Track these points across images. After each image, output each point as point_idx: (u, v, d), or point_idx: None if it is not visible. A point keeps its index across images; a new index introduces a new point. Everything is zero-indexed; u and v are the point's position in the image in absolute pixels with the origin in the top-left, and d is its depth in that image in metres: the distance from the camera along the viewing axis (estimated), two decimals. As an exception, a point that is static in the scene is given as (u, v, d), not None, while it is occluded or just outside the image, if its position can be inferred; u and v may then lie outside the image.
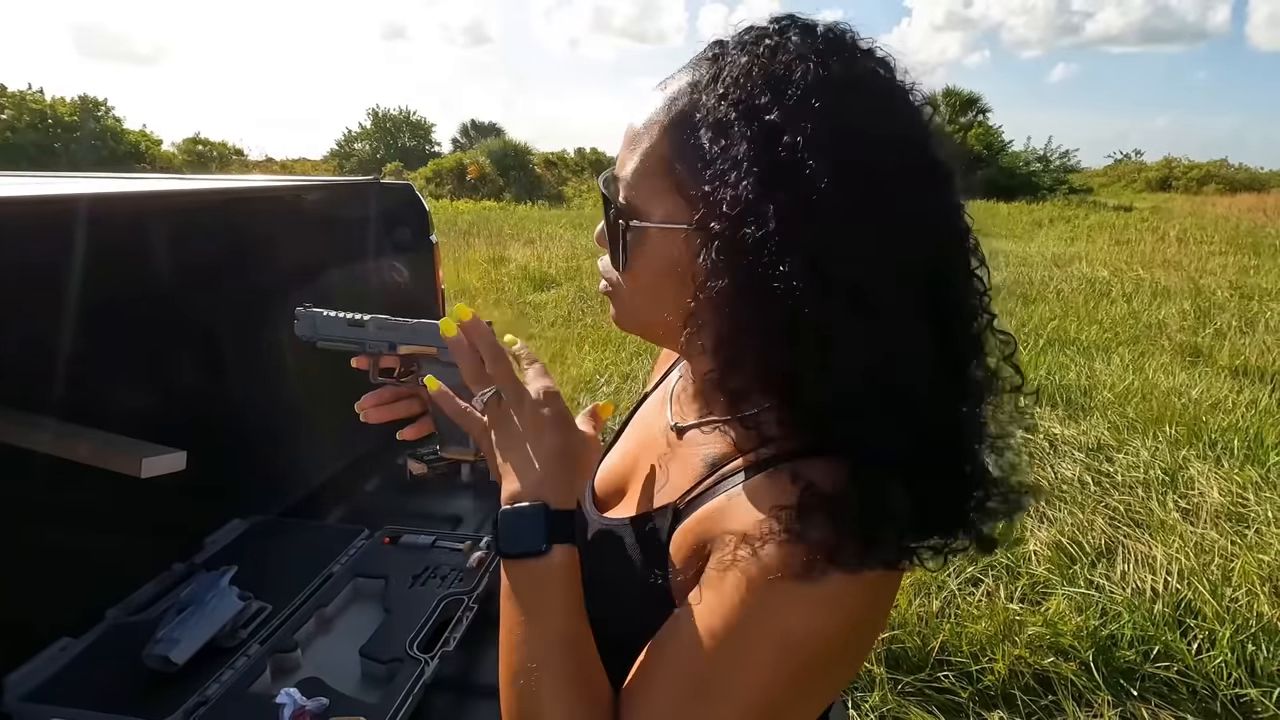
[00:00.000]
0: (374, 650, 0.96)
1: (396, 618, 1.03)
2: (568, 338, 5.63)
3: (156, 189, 1.45)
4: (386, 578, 1.13)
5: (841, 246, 0.44)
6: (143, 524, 1.07)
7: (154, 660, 0.92)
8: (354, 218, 1.73)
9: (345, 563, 1.18)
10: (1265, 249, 9.54)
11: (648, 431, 0.67)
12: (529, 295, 7.35)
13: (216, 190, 1.54)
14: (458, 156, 23.72)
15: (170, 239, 1.28)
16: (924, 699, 2.05)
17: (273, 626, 1.02)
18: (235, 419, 1.34)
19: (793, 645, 0.45)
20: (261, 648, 0.98)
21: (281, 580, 1.11)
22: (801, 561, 0.44)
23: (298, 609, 1.06)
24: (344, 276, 1.69)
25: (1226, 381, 4.47)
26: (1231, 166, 24.73)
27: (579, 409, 0.66)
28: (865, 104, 0.46)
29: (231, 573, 1.06)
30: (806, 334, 0.44)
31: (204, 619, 0.97)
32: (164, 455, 1.04)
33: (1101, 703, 1.98)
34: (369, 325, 0.73)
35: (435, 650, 0.96)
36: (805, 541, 0.44)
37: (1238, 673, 2.06)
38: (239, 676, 0.93)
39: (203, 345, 1.35)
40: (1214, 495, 2.99)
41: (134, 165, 21.83)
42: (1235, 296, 6.84)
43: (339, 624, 1.08)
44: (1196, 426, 3.74)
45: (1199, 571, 2.45)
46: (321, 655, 1.01)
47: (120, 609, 1.05)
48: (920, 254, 0.46)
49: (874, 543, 0.44)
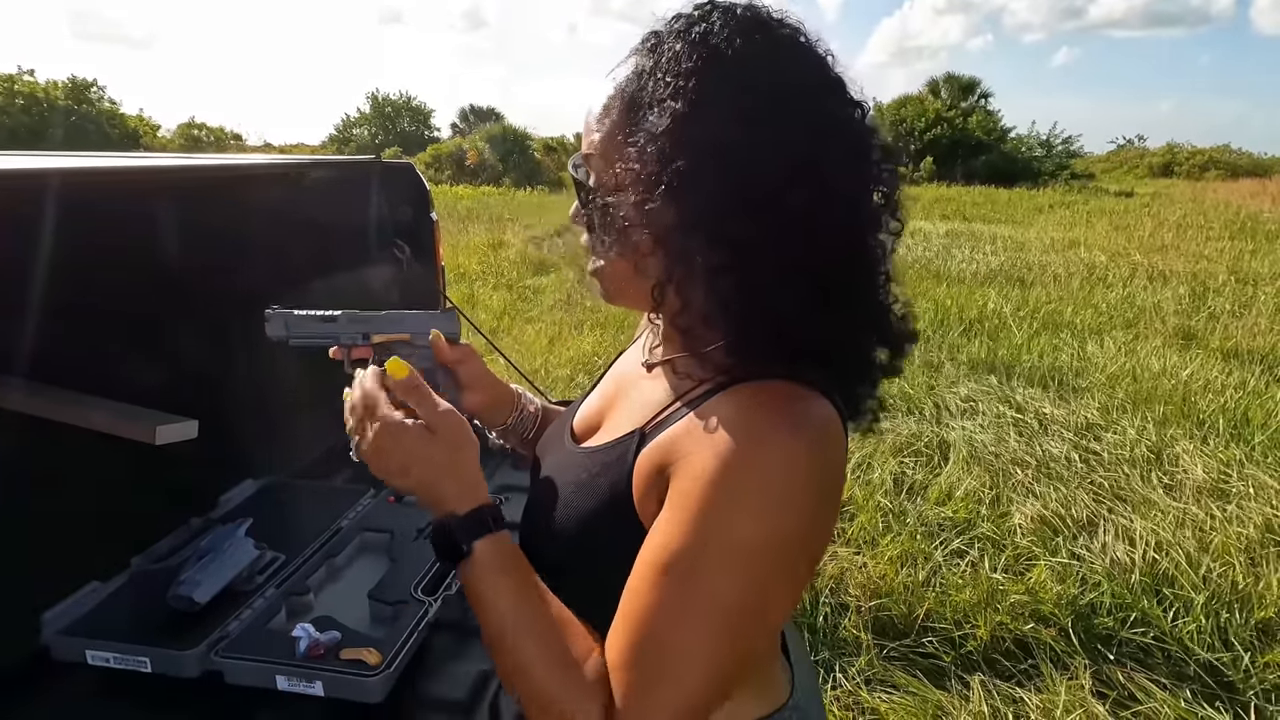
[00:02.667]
0: (381, 593, 1.03)
1: (401, 567, 1.10)
2: (566, 321, 5.69)
3: (164, 165, 1.51)
4: (392, 532, 1.20)
5: (755, 198, 0.52)
6: (162, 485, 1.14)
7: (178, 600, 0.99)
8: (356, 196, 1.78)
9: (353, 519, 1.25)
10: (1263, 234, 9.56)
11: (624, 375, 0.73)
12: (528, 279, 7.40)
13: (221, 167, 1.60)
14: (457, 142, 23.67)
15: (178, 214, 1.34)
16: (908, 663, 2.14)
17: (287, 573, 1.09)
18: (246, 389, 1.41)
19: (755, 550, 0.51)
20: (277, 590, 1.05)
21: (293, 534, 1.18)
22: (756, 455, 0.51)
23: (309, 558, 1.13)
24: (346, 253, 1.75)
25: (1217, 364, 4.53)
26: (1234, 152, 24.62)
27: (577, 388, 0.74)
28: (775, 66, 0.53)
29: (247, 524, 1.13)
30: (726, 277, 0.53)
31: (223, 564, 1.04)
32: (177, 424, 1.10)
33: (1078, 666, 2.06)
34: (341, 319, 0.79)
35: (438, 594, 1.03)
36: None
37: (1211, 639, 2.14)
38: (256, 615, 1.00)
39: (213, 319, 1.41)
40: (1198, 472, 3.06)
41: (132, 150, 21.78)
42: (1231, 281, 6.88)
43: (348, 572, 1.15)
44: (1185, 407, 3.81)
45: (1177, 543, 2.52)
46: (332, 599, 1.08)
47: (144, 558, 1.12)
48: (819, 204, 0.52)
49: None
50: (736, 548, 0.50)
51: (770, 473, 0.50)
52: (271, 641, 0.94)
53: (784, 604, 0.55)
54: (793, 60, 0.54)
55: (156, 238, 1.31)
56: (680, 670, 0.50)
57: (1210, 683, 2.01)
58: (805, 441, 0.51)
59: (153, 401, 1.14)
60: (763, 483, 0.50)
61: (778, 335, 0.55)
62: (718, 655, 0.51)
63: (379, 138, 30.12)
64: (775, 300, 0.53)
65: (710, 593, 0.50)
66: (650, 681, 0.51)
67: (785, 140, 0.51)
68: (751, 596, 0.51)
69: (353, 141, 30.02)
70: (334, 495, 1.34)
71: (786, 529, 0.51)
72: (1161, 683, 1.99)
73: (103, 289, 1.13)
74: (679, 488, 0.53)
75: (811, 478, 0.51)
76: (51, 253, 1.07)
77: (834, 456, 0.53)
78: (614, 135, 0.57)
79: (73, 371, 1.10)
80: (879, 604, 2.31)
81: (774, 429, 0.51)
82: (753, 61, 0.52)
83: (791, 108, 0.52)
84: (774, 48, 0.54)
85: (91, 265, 1.11)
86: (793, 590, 0.55)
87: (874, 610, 2.29)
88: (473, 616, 0.57)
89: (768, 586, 0.52)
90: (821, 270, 0.54)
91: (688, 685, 0.50)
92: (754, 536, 0.50)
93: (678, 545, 0.51)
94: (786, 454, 0.51)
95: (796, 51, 0.55)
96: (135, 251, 1.23)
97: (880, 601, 2.31)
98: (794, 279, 0.53)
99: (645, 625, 0.52)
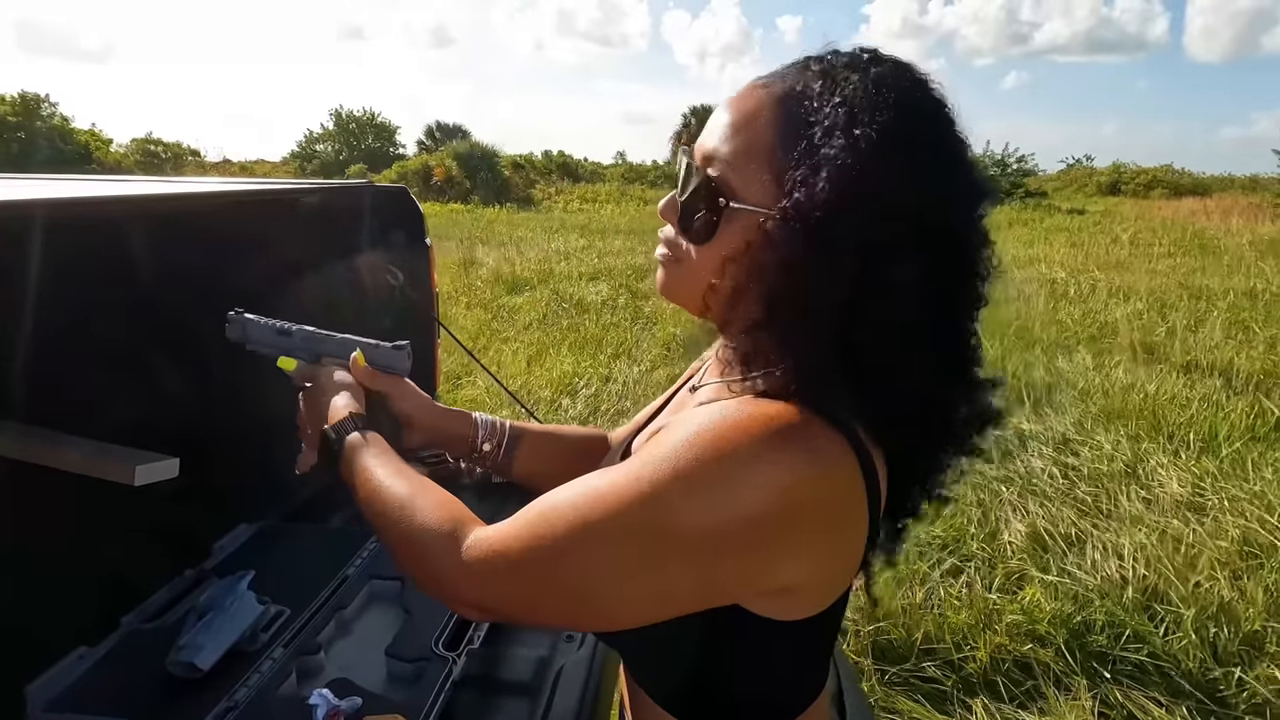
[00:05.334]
0: (399, 650, 0.97)
1: (417, 618, 1.04)
2: (546, 341, 5.63)
3: (148, 192, 1.43)
4: (402, 579, 1.14)
5: (900, 249, 0.51)
6: (149, 532, 1.06)
7: (179, 667, 0.91)
8: (348, 221, 1.72)
9: (359, 565, 1.18)
10: (1210, 251, 9.99)
11: (678, 404, 0.74)
12: (503, 298, 7.31)
13: (209, 194, 1.52)
14: (423, 159, 23.44)
15: (164, 243, 1.27)
16: (910, 688, 2.12)
17: (294, 630, 1.02)
18: (234, 424, 1.33)
19: (668, 518, 0.50)
20: (285, 651, 0.98)
21: (296, 584, 1.11)
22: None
23: (316, 612, 1.06)
24: (338, 281, 1.68)
25: (1180, 377, 4.68)
26: (1176, 171, 25.76)
27: (559, 409, 0.75)
28: (940, 133, 0.55)
29: (249, 576, 1.06)
30: (845, 315, 0.52)
31: (226, 624, 0.97)
32: (157, 462, 1.03)
33: (1079, 687, 2.07)
34: (295, 335, 0.83)
35: (461, 648, 0.98)
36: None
37: (1202, 653, 2.17)
38: (266, 680, 0.93)
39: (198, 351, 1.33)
40: (1174, 486, 3.13)
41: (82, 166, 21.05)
42: (1184, 296, 7.15)
43: (359, 626, 1.08)
44: (1155, 420, 3.91)
45: (1165, 559, 2.57)
46: (345, 657, 1.01)
47: (135, 616, 1.04)
48: (957, 275, 0.55)
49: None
50: (646, 502, 0.50)
51: (731, 466, 0.50)
52: (285, 711, 0.87)
53: (651, 585, 0.53)
54: (949, 123, 0.56)
55: (134, 267, 1.23)
56: (527, 556, 0.53)
57: (1204, 698, 2.04)
58: (789, 459, 0.50)
59: (133, 440, 1.06)
60: (718, 469, 0.50)
61: (854, 381, 0.54)
62: (560, 566, 0.53)
63: (343, 154, 29.67)
64: (873, 349, 0.53)
65: (601, 519, 0.52)
66: (505, 543, 0.55)
67: (936, 198, 0.52)
68: (624, 550, 0.51)
69: (316, 158, 29.53)
70: (335, 539, 1.27)
71: (698, 522, 0.50)
72: (1158, 700, 2.01)
73: (78, 322, 1.05)
74: (651, 442, 0.55)
75: (774, 499, 0.49)
76: (20, 283, 0.99)
77: (815, 495, 0.51)
78: (763, 145, 0.56)
79: (44, 408, 1.02)
80: (877, 627, 2.29)
81: (764, 433, 0.51)
82: (923, 115, 0.54)
83: (953, 171, 0.54)
84: (938, 107, 0.55)
85: (65, 297, 1.03)
86: (668, 581, 0.53)
87: (873, 634, 2.27)
88: (498, 671, 0.63)
89: (650, 556, 0.51)
90: (920, 326, 0.54)
91: (521, 570, 0.54)
92: (669, 506, 0.50)
93: (614, 472, 0.54)
94: (757, 456, 0.50)
95: (948, 115, 0.56)
96: (112, 282, 1.15)
97: (879, 625, 2.30)
98: (893, 332, 0.53)
99: (541, 508, 0.55)
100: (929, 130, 0.55)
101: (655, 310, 6.66)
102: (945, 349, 0.56)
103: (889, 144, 0.51)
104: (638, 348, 5.48)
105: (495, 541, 0.56)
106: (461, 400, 4.24)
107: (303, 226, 1.60)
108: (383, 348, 0.83)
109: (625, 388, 4.59)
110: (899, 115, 0.52)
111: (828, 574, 0.57)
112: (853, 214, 0.51)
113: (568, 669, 1.01)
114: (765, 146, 0.56)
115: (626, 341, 5.64)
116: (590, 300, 7.08)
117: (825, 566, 0.56)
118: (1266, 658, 2.17)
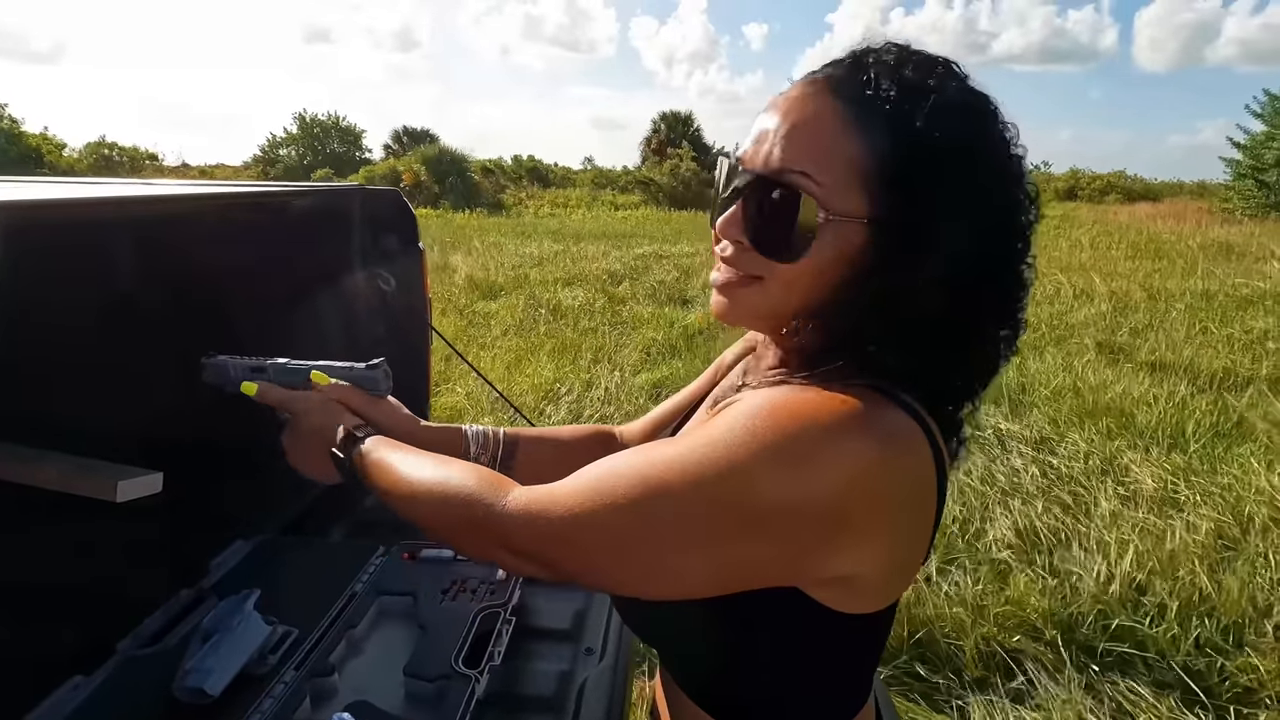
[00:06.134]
0: (419, 668, 0.93)
1: (433, 634, 1.00)
2: (524, 347, 5.57)
3: (131, 194, 1.36)
4: (414, 594, 1.10)
5: (985, 256, 0.54)
6: (141, 551, 1.00)
7: (186, 692, 0.86)
8: (339, 225, 1.67)
9: (367, 581, 1.14)
10: (1166, 254, 10.34)
11: (717, 403, 0.72)
12: (477, 304, 7.23)
13: (194, 196, 1.46)
14: (391, 163, 23.13)
15: (146, 248, 1.20)
16: (905, 686, 2.13)
17: (303, 651, 0.97)
18: (225, 437, 1.27)
19: (733, 490, 0.49)
20: (297, 673, 0.93)
21: (302, 602, 1.06)
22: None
23: (326, 631, 1.02)
24: (329, 287, 1.63)
25: (1146, 376, 4.82)
26: (1129, 177, 26.68)
27: (543, 418, 0.73)
28: (996, 127, 0.56)
29: (255, 595, 1.01)
30: (930, 313, 0.53)
31: (234, 646, 0.92)
32: (139, 477, 0.97)
33: (1070, 680, 2.10)
34: (269, 370, 0.83)
35: (483, 665, 0.94)
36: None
37: (1185, 644, 2.22)
38: (279, 705, 0.88)
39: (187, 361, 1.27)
40: (1148, 483, 3.22)
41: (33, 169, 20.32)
42: (1145, 297, 7.38)
43: (371, 645, 1.04)
44: (1125, 419, 4.02)
45: (1147, 553, 2.63)
46: (360, 678, 0.96)
47: (130, 641, 0.98)
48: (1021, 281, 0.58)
49: None
50: (721, 469, 0.49)
51: (814, 440, 0.49)
52: (305, 736, 0.83)
53: (718, 553, 0.51)
54: (1000, 119, 0.56)
55: (114, 273, 1.17)
56: (588, 504, 0.52)
57: (1191, 688, 2.08)
58: (871, 438, 0.50)
59: (118, 456, 1.00)
60: (802, 442, 0.49)
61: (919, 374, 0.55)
62: (622, 522, 0.51)
63: (307, 159, 29.09)
64: (955, 340, 0.55)
65: (673, 480, 0.50)
66: (558, 494, 0.54)
67: (1009, 192, 0.55)
68: (694, 516, 0.50)
69: (279, 163, 28.90)
70: (338, 553, 1.22)
71: (776, 493, 0.48)
72: (1141, 693, 2.05)
73: (55, 331, 0.99)
74: (720, 414, 0.54)
75: (856, 476, 0.49)
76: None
77: (894, 479, 0.51)
78: (841, 150, 0.53)
79: (20, 424, 0.95)
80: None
81: (848, 411, 0.50)
82: (984, 114, 0.55)
83: (1015, 164, 0.55)
84: (987, 104, 0.56)
85: (39, 304, 0.97)
86: (736, 552, 0.51)
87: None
88: (519, 687, 0.66)
89: (721, 524, 0.50)
90: (976, 324, 0.56)
91: (580, 518, 0.52)
92: (746, 474, 0.49)
93: (682, 440, 0.53)
94: (842, 432, 0.49)
95: (996, 110, 0.57)
96: (90, 288, 1.09)
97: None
98: (955, 329, 0.55)
99: (602, 468, 0.54)
100: (993, 129, 0.55)
101: (633, 315, 6.65)
102: (1009, 333, 0.59)
103: (969, 144, 0.52)
104: (618, 353, 5.46)
105: (544, 493, 0.55)
106: (440, 407, 4.17)
107: (293, 230, 1.55)
108: (357, 369, 0.81)
109: (608, 393, 4.56)
110: (966, 117, 0.54)
111: (892, 563, 0.56)
112: (945, 215, 0.51)
113: (590, 682, 0.98)
114: (843, 151, 0.53)
115: (606, 347, 5.61)
116: (567, 306, 7.04)
117: (891, 555, 0.55)
118: (1246, 647, 2.24)
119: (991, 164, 0.53)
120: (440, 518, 0.60)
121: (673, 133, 29.98)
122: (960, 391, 0.59)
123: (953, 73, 0.56)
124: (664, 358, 5.37)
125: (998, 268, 0.55)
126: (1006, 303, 0.57)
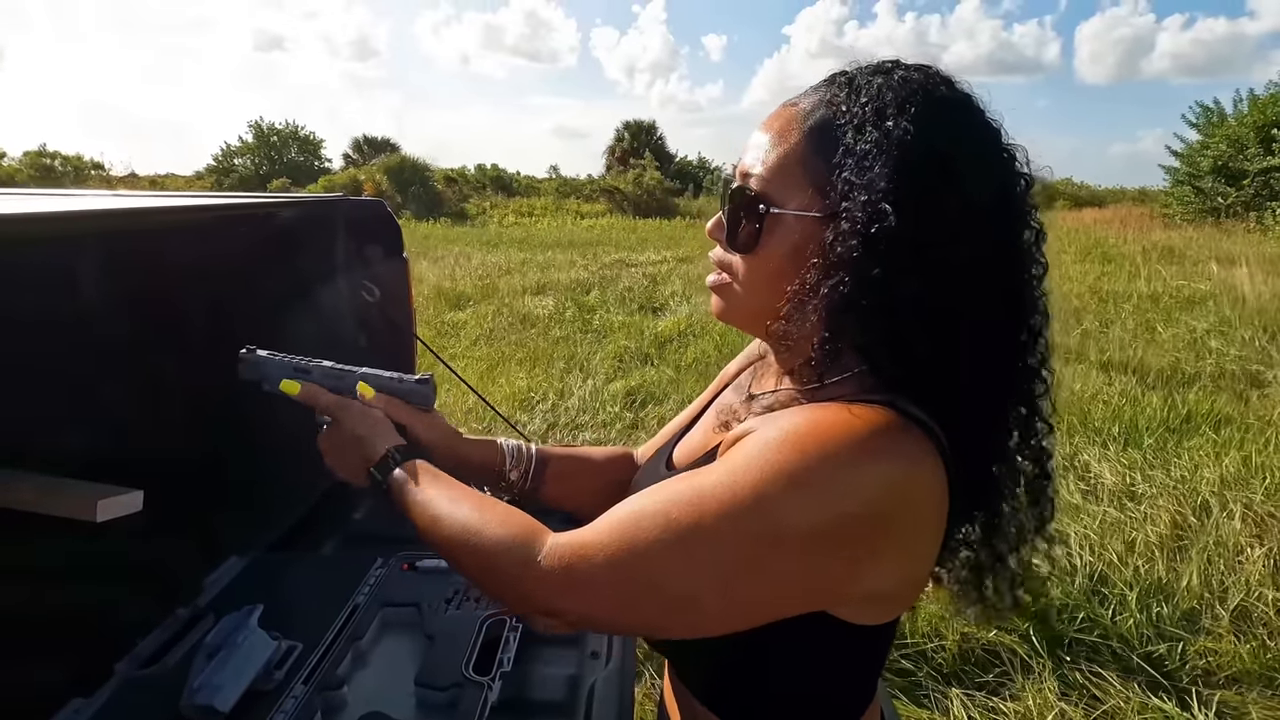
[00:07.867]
0: (430, 678, 0.93)
1: (440, 644, 1.01)
2: (495, 357, 5.54)
3: (113, 207, 1.33)
4: (418, 604, 1.09)
5: (950, 234, 0.53)
6: (133, 571, 0.98)
7: (196, 710, 0.85)
8: (322, 235, 1.66)
9: (367, 593, 1.13)
10: (1112, 258, 10.77)
11: (723, 412, 0.74)
12: (446, 314, 7.16)
13: (172, 208, 1.43)
14: (351, 173, 22.73)
15: (127, 261, 1.18)
16: (887, 683, 2.18)
17: (310, 665, 0.97)
18: (212, 452, 1.25)
19: (766, 517, 0.50)
20: (306, 687, 0.92)
21: (304, 616, 1.05)
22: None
23: (332, 644, 1.01)
24: (312, 297, 1.61)
25: (1099, 375, 5.02)
26: (1076, 184, 27.70)
27: (521, 427, 0.79)
28: (970, 119, 0.58)
29: (258, 611, 1.00)
30: (911, 307, 0.53)
31: (241, 662, 0.91)
32: (119, 496, 0.95)
33: (1044, 670, 2.18)
34: (314, 373, 0.82)
35: (494, 672, 0.95)
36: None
37: (1147, 630, 2.33)
38: None
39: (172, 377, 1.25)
40: (1107, 477, 3.35)
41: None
42: (1094, 300, 7.68)
43: (377, 656, 1.03)
44: (1083, 416, 4.18)
45: (1107, 545, 2.74)
46: (369, 690, 0.96)
47: (129, 662, 0.96)
48: (1008, 249, 0.57)
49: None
50: (749, 504, 0.50)
51: (837, 464, 0.50)
52: (322, 749, 0.83)
53: (755, 588, 0.52)
54: (979, 112, 0.58)
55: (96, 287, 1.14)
56: (620, 559, 0.53)
57: (1153, 673, 2.18)
58: (891, 459, 0.51)
59: (101, 475, 0.98)
60: (824, 468, 0.50)
61: (919, 377, 0.55)
62: (658, 569, 0.52)
63: (264, 168, 28.39)
64: (935, 342, 0.55)
65: (702, 520, 0.51)
66: (590, 547, 0.54)
67: (975, 180, 0.54)
68: (728, 553, 0.51)
69: (235, 172, 28.14)
70: (336, 567, 1.22)
71: (806, 522, 0.50)
72: (1107, 679, 2.14)
73: (29, 346, 0.96)
74: (738, 446, 0.55)
75: (882, 497, 0.51)
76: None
77: (914, 496, 0.53)
78: (797, 153, 0.59)
79: (6, 446, 0.92)
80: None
81: (867, 432, 0.51)
82: (951, 105, 0.57)
83: (988, 154, 0.56)
84: (966, 98, 0.58)
85: (13, 320, 0.95)
86: (773, 583, 0.52)
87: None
88: (529, 692, 0.66)
89: (755, 558, 0.51)
90: (970, 316, 0.55)
91: (615, 573, 0.53)
92: (775, 506, 0.50)
93: (704, 476, 0.54)
94: (863, 455, 0.51)
95: (976, 104, 0.58)
96: (71, 302, 1.07)
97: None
98: (945, 321, 0.54)
99: (627, 511, 0.55)
100: (958, 117, 0.57)
101: (604, 323, 6.66)
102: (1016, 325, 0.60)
103: (921, 133, 0.53)
104: (590, 361, 5.46)
105: (577, 546, 0.55)
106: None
107: (275, 241, 1.53)
108: (406, 381, 0.82)
109: (582, 401, 4.56)
110: (927, 106, 0.55)
111: (911, 577, 0.58)
112: (892, 204, 0.52)
113: (599, 685, 1.00)
114: (799, 154, 0.59)
115: (577, 355, 5.61)
116: (537, 315, 7.02)
117: (910, 570, 0.57)
118: (1202, 631, 2.35)
119: (951, 155, 0.54)
120: (474, 573, 0.61)
121: (636, 141, 30.15)
122: (982, 396, 0.57)
123: (925, 73, 0.58)
124: (636, 365, 5.40)
125: (971, 254, 0.53)
126: (993, 290, 0.55)
